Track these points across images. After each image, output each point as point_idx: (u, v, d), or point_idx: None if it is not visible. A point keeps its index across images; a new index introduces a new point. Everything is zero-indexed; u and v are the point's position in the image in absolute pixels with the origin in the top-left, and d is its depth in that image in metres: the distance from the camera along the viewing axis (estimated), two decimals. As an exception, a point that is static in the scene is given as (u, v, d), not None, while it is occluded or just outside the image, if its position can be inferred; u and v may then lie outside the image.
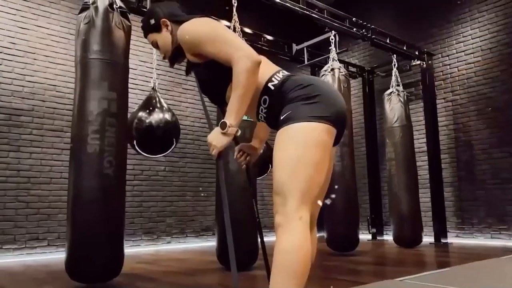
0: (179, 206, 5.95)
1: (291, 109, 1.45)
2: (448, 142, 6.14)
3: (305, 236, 1.33)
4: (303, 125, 1.41)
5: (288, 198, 1.36)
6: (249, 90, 1.47)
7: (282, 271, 1.29)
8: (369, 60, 7.20)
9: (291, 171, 1.38)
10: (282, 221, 1.36)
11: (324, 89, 1.50)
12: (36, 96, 4.91)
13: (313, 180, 1.39)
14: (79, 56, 2.90)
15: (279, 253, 1.31)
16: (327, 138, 1.44)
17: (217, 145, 1.51)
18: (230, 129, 1.47)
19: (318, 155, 1.40)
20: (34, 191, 4.77)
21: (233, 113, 1.47)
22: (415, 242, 5.01)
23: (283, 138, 1.44)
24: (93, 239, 2.63)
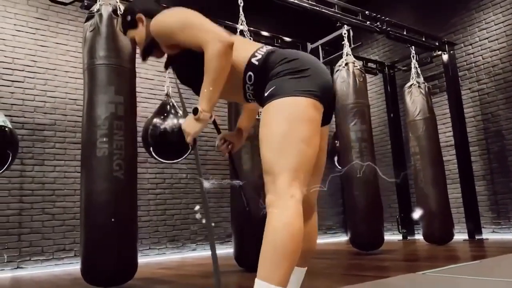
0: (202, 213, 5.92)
1: (275, 84, 1.41)
2: (476, 134, 5.87)
3: (297, 213, 1.27)
4: (288, 99, 1.36)
5: (277, 176, 1.31)
6: (221, 74, 1.43)
7: (271, 250, 1.23)
8: (390, 56, 7.03)
9: (279, 148, 1.33)
10: (272, 199, 1.30)
11: (310, 64, 1.44)
12: (58, 111, 5.05)
13: (303, 155, 1.33)
14: (86, 63, 2.96)
15: (268, 231, 1.26)
16: (315, 112, 1.38)
17: (190, 131, 1.48)
18: (203, 114, 1.44)
19: (306, 129, 1.34)
20: (59, 203, 4.87)
21: (205, 98, 1.44)
22: (445, 238, 4.78)
23: (268, 114, 1.39)
24: (104, 242, 2.64)
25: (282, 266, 1.21)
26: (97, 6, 3.01)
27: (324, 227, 7.30)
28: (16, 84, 4.80)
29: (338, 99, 4.52)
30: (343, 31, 4.71)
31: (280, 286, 1.21)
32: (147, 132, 4.09)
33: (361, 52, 7.33)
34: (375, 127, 7.11)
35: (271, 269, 1.21)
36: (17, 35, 4.88)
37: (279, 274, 1.21)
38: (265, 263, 1.23)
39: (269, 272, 1.21)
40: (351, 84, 4.40)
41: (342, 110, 4.47)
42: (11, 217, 4.57)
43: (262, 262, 1.24)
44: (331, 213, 7.41)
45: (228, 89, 1.57)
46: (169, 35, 1.54)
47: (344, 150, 4.46)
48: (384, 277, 2.68)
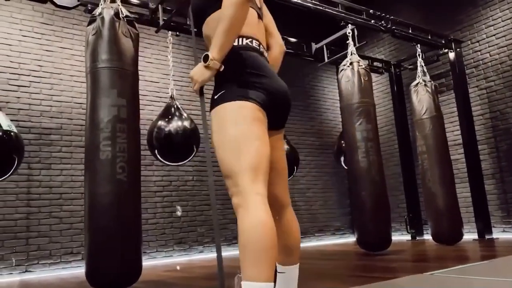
0: (209, 215, 5.93)
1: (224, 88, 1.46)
2: (485, 132, 5.79)
3: (265, 209, 1.29)
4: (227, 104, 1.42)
5: (238, 177, 1.33)
6: (235, 25, 1.42)
7: (248, 250, 1.24)
8: (396, 55, 6.98)
9: (230, 151, 1.37)
10: (239, 201, 1.33)
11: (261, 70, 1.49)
12: (64, 115, 5.08)
13: (255, 152, 1.36)
14: (89, 66, 2.97)
15: (242, 233, 1.27)
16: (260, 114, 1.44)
17: (198, 79, 1.47)
18: (212, 62, 1.43)
19: (256, 128, 1.39)
20: (66, 206, 4.90)
21: (217, 46, 1.43)
22: (455, 238, 4.72)
23: (217, 119, 1.44)
24: (107, 245, 2.64)
25: (262, 263, 1.22)
26: (99, 10, 3.01)
27: (332, 228, 7.25)
28: (22, 89, 4.84)
29: (343, 98, 4.49)
30: (347, 30, 4.67)
31: (267, 281, 1.22)
32: (152, 135, 4.09)
33: (367, 51, 7.28)
34: (382, 127, 7.06)
35: (253, 268, 1.22)
36: (23, 40, 4.92)
37: (262, 270, 1.22)
38: (246, 264, 1.24)
39: (252, 272, 1.22)
40: (356, 83, 4.36)
41: (347, 109, 4.44)
42: (19, 221, 4.60)
43: (242, 264, 1.25)
44: (339, 214, 7.36)
45: None
46: None
47: (350, 150, 4.42)
48: (391, 278, 2.64)
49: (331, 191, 7.38)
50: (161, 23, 4.15)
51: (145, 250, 5.32)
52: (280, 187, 1.60)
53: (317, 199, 7.16)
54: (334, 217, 7.32)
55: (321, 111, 7.64)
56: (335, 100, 7.75)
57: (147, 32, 5.73)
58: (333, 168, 7.27)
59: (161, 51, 5.91)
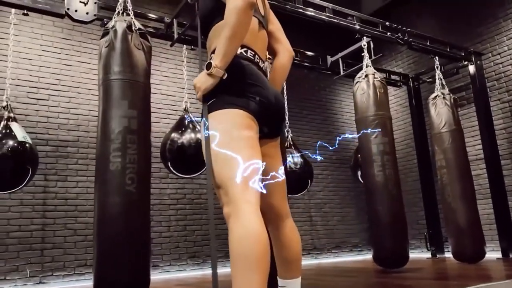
0: (223, 229, 5.84)
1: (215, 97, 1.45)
2: (508, 147, 5.61)
3: (256, 219, 1.24)
4: (222, 111, 1.41)
5: (228, 186, 1.30)
6: (238, 32, 1.40)
7: (239, 261, 1.19)
8: (414, 68, 6.87)
9: (219, 160, 1.35)
10: (229, 210, 1.29)
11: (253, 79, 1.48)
12: (81, 128, 5.15)
13: (249, 160, 1.33)
14: (101, 78, 2.99)
15: (232, 243, 1.22)
16: (250, 121, 1.42)
17: (201, 86, 1.46)
18: (215, 70, 1.42)
19: (245, 134, 1.37)
20: (81, 218, 4.93)
21: (220, 54, 1.42)
22: (477, 256, 4.53)
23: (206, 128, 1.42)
24: (114, 255, 2.61)
25: (254, 275, 1.17)
26: (112, 23, 3.05)
27: (349, 245, 7.09)
28: (41, 102, 4.94)
29: (358, 111, 4.42)
30: (363, 42, 4.62)
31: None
32: (165, 147, 4.10)
33: (384, 65, 7.21)
34: (401, 141, 6.93)
35: (245, 279, 1.17)
36: (43, 55, 5.04)
37: (254, 282, 1.16)
38: (236, 276, 1.19)
39: (244, 284, 1.16)
40: (371, 95, 4.29)
41: (362, 122, 4.36)
42: (34, 232, 4.65)
43: (233, 275, 1.20)
44: (357, 230, 7.20)
45: None
46: None
47: (366, 163, 4.32)
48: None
49: (349, 206, 7.23)
50: (175, 37, 4.19)
51: (158, 263, 5.29)
52: (277, 197, 1.55)
53: (334, 215, 7.02)
54: (352, 233, 7.15)
55: (338, 124, 7.55)
56: (352, 114, 7.65)
57: (164, 46, 5.80)
58: (351, 183, 7.14)
59: (177, 65, 5.96)
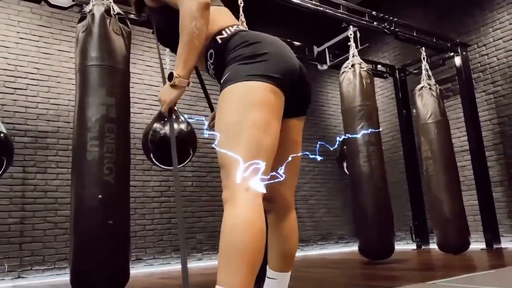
0: (208, 222, 5.80)
1: (231, 69, 1.29)
2: (492, 138, 5.62)
3: (254, 208, 1.12)
4: (240, 84, 1.24)
5: (231, 169, 1.18)
6: (196, 36, 1.30)
7: (228, 251, 1.09)
8: (400, 59, 6.84)
9: (231, 139, 1.20)
10: (227, 195, 1.18)
11: (271, 47, 1.32)
12: (61, 118, 5.00)
13: (258, 144, 1.19)
14: (78, 64, 2.88)
15: (224, 231, 1.13)
16: (273, 97, 1.24)
17: (166, 99, 1.36)
18: (178, 80, 1.32)
19: (260, 114, 1.21)
20: (61, 211, 4.80)
21: (181, 62, 1.32)
22: (461, 247, 4.54)
23: (221, 103, 1.28)
24: (93, 250, 2.52)
25: (242, 269, 1.07)
26: (90, 7, 2.93)
27: (335, 236, 7.08)
28: (19, 91, 4.78)
29: (344, 101, 4.37)
30: (349, 32, 4.56)
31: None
32: (147, 138, 3.99)
33: (371, 56, 7.17)
34: (387, 133, 6.91)
35: (230, 273, 1.08)
36: (20, 43, 4.87)
37: (240, 277, 1.07)
38: (223, 267, 1.10)
39: (229, 277, 1.07)
40: (357, 86, 4.24)
41: (348, 112, 4.31)
42: (13, 226, 4.51)
43: (220, 265, 1.11)
44: (343, 222, 7.18)
45: (200, 60, 1.48)
46: None
47: (352, 154, 4.28)
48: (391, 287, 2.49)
49: (335, 198, 7.21)
50: (157, 24, 4.06)
51: (142, 257, 5.20)
52: (290, 187, 1.47)
53: (320, 207, 7.00)
54: (338, 225, 7.14)
55: (325, 116, 7.51)
56: (339, 106, 7.61)
57: (147, 35, 5.68)
58: (337, 175, 7.12)
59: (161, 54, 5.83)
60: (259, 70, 1.25)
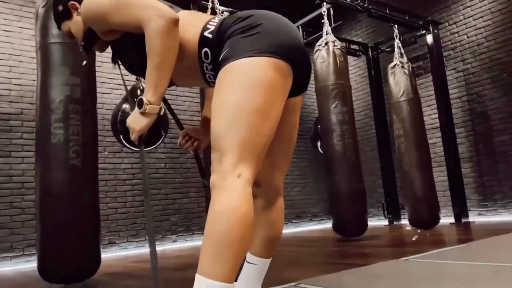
0: (182, 204, 5.74)
1: (230, 45, 1.19)
2: (462, 115, 5.74)
3: (244, 196, 1.05)
4: (244, 61, 1.14)
5: (224, 153, 1.10)
6: (167, 56, 1.21)
7: (213, 239, 1.03)
8: (373, 37, 6.84)
9: (228, 121, 1.11)
10: (216, 180, 1.09)
11: (269, 18, 1.23)
12: (25, 99, 4.78)
13: (257, 130, 1.12)
14: (39, 42, 2.71)
15: (210, 218, 1.05)
16: (276, 75, 1.15)
17: (135, 127, 1.27)
18: (149, 107, 1.23)
19: (262, 97, 1.12)
20: (28, 196, 4.63)
21: (151, 87, 1.22)
22: (431, 222, 4.65)
23: (220, 81, 1.17)
24: (62, 235, 2.43)
25: (227, 258, 1.01)
26: (50, -21, 2.74)
27: (309, 215, 7.15)
28: (-23, 71, 4.52)
29: (318, 79, 4.33)
30: (323, 9, 4.49)
31: (225, 282, 1.00)
32: (116, 119, 3.86)
33: (344, 34, 7.13)
34: (360, 111, 6.95)
35: (214, 262, 1.01)
36: (-23, 19, 4.59)
37: (224, 267, 1.01)
38: (206, 255, 1.03)
39: (211, 266, 1.01)
40: (331, 64, 4.20)
41: (322, 91, 4.29)
42: (-23, 212, 4.33)
43: (203, 254, 1.04)
44: (317, 200, 7.26)
45: (186, 74, 1.36)
46: (103, 18, 1.30)
47: (325, 133, 4.27)
48: (365, 264, 2.52)
49: (309, 177, 7.26)
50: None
51: (115, 240, 5.11)
52: (281, 172, 1.40)
53: (294, 186, 7.03)
54: (312, 203, 7.22)
55: (298, 96, 7.47)
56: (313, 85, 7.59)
57: (114, 12, 5.45)
58: (311, 154, 7.14)
59: (129, 32, 5.63)
60: (263, 43, 1.15)
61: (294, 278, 2.17)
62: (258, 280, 1.45)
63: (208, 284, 1.00)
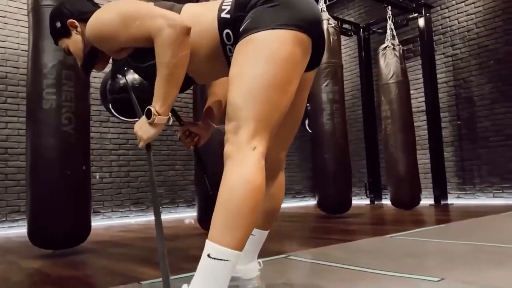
0: (168, 176, 5.75)
1: (251, 17, 1.17)
2: (448, 100, 5.84)
3: (258, 168, 1.07)
4: (266, 33, 1.13)
5: (241, 125, 1.10)
6: (178, 69, 1.19)
7: (226, 208, 1.05)
8: (365, 18, 6.83)
9: (248, 92, 1.11)
10: (231, 151, 1.10)
11: None
12: (9, 63, 4.65)
13: (274, 104, 1.13)
14: (31, 4, 2.63)
15: (224, 187, 1.07)
16: (298, 49, 1.15)
17: (143, 136, 1.25)
18: (158, 118, 1.21)
19: (283, 72, 1.12)
20: (12, 162, 4.57)
21: (160, 98, 1.20)
22: (412, 203, 4.79)
23: (241, 52, 1.16)
24: (53, 202, 2.42)
25: (238, 227, 1.04)
26: None
27: (293, 191, 7.26)
28: (-40, 31, 4.37)
29: (311, 58, 4.33)
30: (318, -14, 4.45)
31: (235, 249, 1.03)
32: (105, 87, 3.79)
33: (336, 13, 7.10)
34: (348, 91, 6.99)
35: (226, 230, 1.04)
36: (-40, -23, 4.40)
37: (235, 236, 1.03)
38: (219, 223, 1.05)
39: (223, 234, 1.04)
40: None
41: (314, 70, 4.29)
42: (-41, 177, 4.26)
43: (215, 221, 1.06)
44: (301, 178, 7.36)
45: (210, 67, 1.33)
46: (113, 37, 1.26)
47: (315, 112, 4.31)
48: (350, 240, 2.60)
49: (294, 155, 7.33)
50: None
51: (100, 210, 5.11)
52: (285, 146, 1.41)
53: (279, 162, 7.09)
54: (296, 180, 7.32)
55: (287, 73, 7.46)
56: (302, 63, 7.57)
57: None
58: (298, 132, 7.18)
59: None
60: (286, 16, 1.14)
61: (283, 251, 2.23)
62: (255, 251, 1.49)
63: (219, 251, 1.02)
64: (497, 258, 1.83)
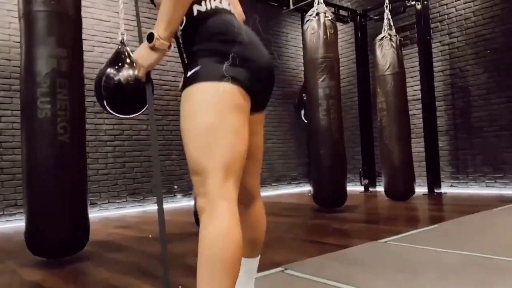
0: (164, 166, 5.76)
1: (202, 63, 1.19)
2: (443, 89, 5.83)
3: (234, 220, 1.11)
4: (215, 85, 1.16)
5: (207, 176, 1.13)
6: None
7: (208, 264, 1.08)
8: (362, 3, 6.73)
9: (207, 143, 1.14)
10: (204, 203, 1.13)
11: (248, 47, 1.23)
12: (1, 55, 4.57)
13: (235, 150, 1.16)
14: (22, 9, 2.57)
15: (203, 244, 1.10)
16: (243, 101, 1.20)
17: (143, 63, 1.22)
18: (159, 42, 1.18)
19: (235, 119, 1.17)
20: (7, 156, 4.55)
21: (163, 21, 1.17)
22: (406, 195, 4.85)
23: (190, 102, 1.18)
24: (50, 214, 2.43)
25: (222, 280, 1.07)
26: None
27: (288, 178, 7.31)
28: (-52, 24, 4.26)
29: (307, 51, 4.29)
30: (315, -24, 4.36)
31: None
32: (100, 83, 3.75)
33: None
34: (343, 78, 6.96)
35: (210, 284, 1.07)
36: None
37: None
38: (202, 279, 1.09)
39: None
40: (321, 36, 4.15)
41: (311, 64, 4.26)
42: (-46, 172, 4.24)
43: (199, 276, 1.09)
44: (297, 164, 7.40)
45: None
46: None
47: (311, 106, 4.30)
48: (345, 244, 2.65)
49: (290, 141, 7.35)
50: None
51: (96, 201, 5.14)
52: (253, 178, 1.42)
53: (275, 150, 7.12)
54: (291, 167, 7.36)
55: (284, 58, 7.40)
56: (298, 48, 7.50)
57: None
58: (294, 118, 7.18)
59: (111, -14, 5.36)
60: (234, 71, 1.18)
61: (279, 261, 2.27)
62: (248, 280, 1.51)
63: None
64: (488, 275, 1.88)
